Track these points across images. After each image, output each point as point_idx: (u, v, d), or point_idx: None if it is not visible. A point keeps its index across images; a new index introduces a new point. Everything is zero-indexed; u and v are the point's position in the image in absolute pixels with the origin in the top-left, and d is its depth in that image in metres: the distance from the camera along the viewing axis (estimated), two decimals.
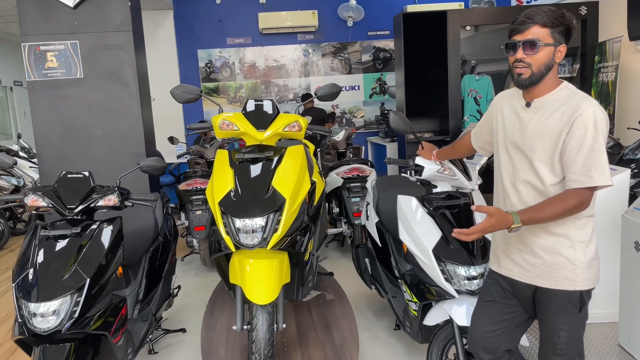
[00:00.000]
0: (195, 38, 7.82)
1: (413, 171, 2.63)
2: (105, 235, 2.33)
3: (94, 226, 2.33)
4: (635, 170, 3.87)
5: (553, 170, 1.75)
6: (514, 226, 1.69)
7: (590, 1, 5.66)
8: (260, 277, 2.40)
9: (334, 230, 4.88)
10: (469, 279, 2.32)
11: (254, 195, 2.46)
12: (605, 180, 1.66)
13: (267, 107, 2.90)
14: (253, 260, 2.43)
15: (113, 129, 4.04)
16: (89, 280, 2.13)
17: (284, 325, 2.50)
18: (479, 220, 2.44)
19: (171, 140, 5.73)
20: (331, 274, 4.16)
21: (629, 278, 2.77)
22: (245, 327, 2.45)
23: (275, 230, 2.40)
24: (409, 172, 2.69)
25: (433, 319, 2.46)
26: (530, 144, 1.78)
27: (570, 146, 1.68)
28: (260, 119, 2.84)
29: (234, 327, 2.46)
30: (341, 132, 5.67)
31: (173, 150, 6.28)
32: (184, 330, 3.40)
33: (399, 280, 2.88)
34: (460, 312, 2.30)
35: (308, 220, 2.75)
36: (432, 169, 2.53)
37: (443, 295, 2.39)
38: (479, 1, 7.29)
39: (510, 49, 1.77)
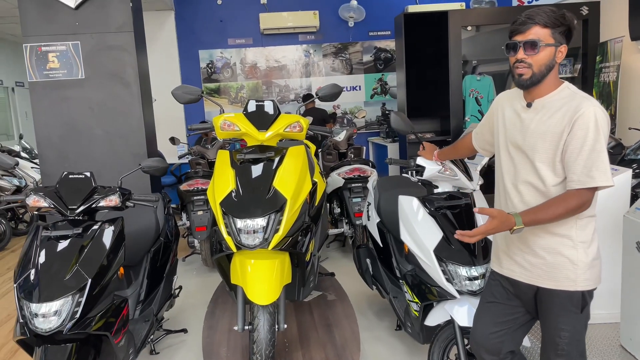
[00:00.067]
0: (196, 38, 7.82)
1: (414, 171, 2.63)
2: (107, 235, 2.33)
3: (95, 227, 2.33)
4: (637, 170, 3.86)
5: (554, 171, 1.75)
6: (516, 228, 1.69)
7: (591, 1, 5.66)
8: (262, 278, 2.40)
9: (335, 230, 4.88)
10: (470, 279, 2.32)
11: (255, 196, 2.46)
12: (607, 180, 1.66)
13: (268, 108, 2.90)
14: (254, 260, 2.44)
15: (114, 130, 4.04)
16: (90, 280, 2.13)
17: (285, 325, 2.50)
18: (480, 220, 2.45)
19: (172, 140, 5.74)
20: (332, 274, 4.16)
21: (630, 278, 2.76)
22: (246, 328, 2.45)
23: (277, 230, 2.40)
24: (410, 173, 2.69)
25: (434, 319, 2.45)
26: (532, 144, 1.77)
27: (572, 147, 1.68)
28: (261, 120, 2.85)
29: (235, 328, 2.46)
30: (342, 133, 5.67)
31: (174, 150, 6.28)
32: (185, 330, 3.40)
33: (400, 281, 2.88)
34: (462, 313, 2.29)
35: (309, 220, 2.75)
36: (433, 169, 2.53)
37: (444, 295, 2.39)
38: (480, 1, 7.29)
39: (511, 49, 1.77)
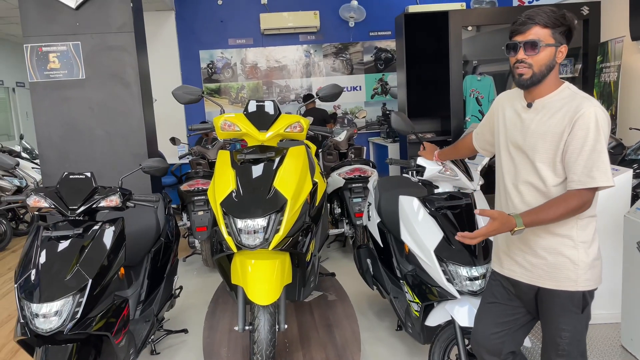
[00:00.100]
0: (196, 39, 7.82)
1: (415, 172, 2.62)
2: (107, 236, 2.33)
3: (96, 227, 2.33)
4: (637, 170, 3.85)
5: (555, 171, 1.75)
6: (516, 229, 1.70)
7: (592, 1, 5.65)
8: (262, 278, 2.40)
9: (335, 230, 4.88)
10: (470, 279, 2.32)
11: (256, 196, 2.46)
12: (607, 181, 1.66)
13: (269, 108, 2.91)
14: (255, 260, 2.44)
15: (115, 130, 4.05)
16: (91, 280, 2.13)
17: (286, 325, 2.50)
18: (481, 221, 2.44)
19: (173, 141, 5.74)
20: (333, 274, 4.16)
21: (631, 278, 2.76)
22: (247, 328, 2.45)
23: (277, 230, 2.40)
24: (410, 173, 2.69)
25: (435, 319, 2.45)
26: (532, 144, 1.77)
27: (572, 147, 1.68)
28: (261, 120, 2.85)
29: (236, 328, 2.46)
30: (343, 133, 5.68)
31: (175, 151, 6.29)
32: (185, 330, 3.40)
33: (401, 281, 2.88)
34: (462, 313, 2.29)
35: (310, 220, 2.75)
36: (434, 169, 2.53)
37: (445, 295, 2.39)
38: (480, 1, 7.30)
39: (511, 49, 1.77)
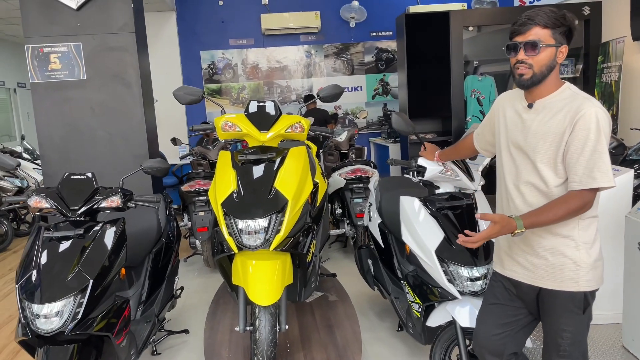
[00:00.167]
0: (197, 39, 7.83)
1: (415, 172, 2.62)
2: (108, 236, 2.33)
3: (97, 227, 2.33)
4: (639, 170, 3.85)
5: (556, 172, 1.74)
6: (517, 231, 1.70)
7: (593, 1, 5.65)
8: (263, 278, 2.40)
9: (336, 231, 4.88)
10: (471, 280, 2.31)
11: (257, 197, 2.46)
12: (608, 181, 1.66)
13: (270, 109, 2.91)
14: (256, 261, 2.44)
15: (116, 131, 4.05)
16: (92, 281, 2.13)
17: (287, 326, 2.51)
18: (482, 221, 2.44)
19: (174, 141, 5.74)
20: (334, 275, 4.16)
21: (632, 279, 2.76)
22: (247, 328, 2.45)
23: (278, 231, 2.40)
24: (411, 173, 2.69)
25: (436, 320, 2.45)
26: (533, 145, 1.77)
27: (573, 147, 1.68)
28: (262, 120, 2.85)
29: (237, 328, 2.46)
30: (344, 133, 5.68)
31: (176, 151, 6.29)
32: (186, 331, 3.40)
33: (402, 282, 2.87)
34: (463, 314, 2.29)
35: (310, 221, 2.75)
36: (435, 169, 2.53)
37: (446, 296, 2.39)
38: (481, 1, 7.30)
39: (512, 50, 1.77)
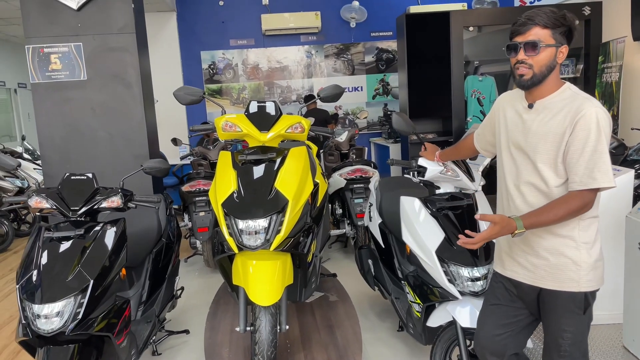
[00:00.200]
0: (198, 40, 7.83)
1: (416, 172, 2.62)
2: (109, 236, 2.33)
3: (97, 228, 2.33)
4: (639, 170, 3.85)
5: (556, 172, 1.74)
6: (517, 232, 1.70)
7: (593, 1, 5.65)
8: (263, 279, 2.40)
9: (337, 231, 4.88)
10: (472, 280, 2.31)
11: (257, 197, 2.47)
12: (609, 181, 1.66)
13: (270, 109, 2.91)
14: (256, 261, 2.44)
15: (116, 131, 4.05)
16: (92, 281, 2.13)
17: (287, 326, 2.51)
18: (482, 223, 2.44)
19: (174, 141, 5.74)
20: (334, 275, 4.16)
21: (632, 279, 2.76)
22: (248, 329, 2.45)
23: (278, 231, 2.40)
24: (411, 173, 2.69)
25: (436, 320, 2.45)
26: (533, 145, 1.77)
27: (573, 148, 1.68)
28: (263, 121, 2.85)
29: (237, 329, 2.46)
30: (344, 133, 5.67)
31: (176, 151, 6.30)
32: (187, 331, 3.40)
33: (402, 282, 2.87)
34: (464, 314, 2.29)
35: (311, 221, 2.76)
36: (435, 170, 2.53)
37: (446, 296, 2.39)
38: (482, 2, 7.29)
39: (512, 50, 1.77)
